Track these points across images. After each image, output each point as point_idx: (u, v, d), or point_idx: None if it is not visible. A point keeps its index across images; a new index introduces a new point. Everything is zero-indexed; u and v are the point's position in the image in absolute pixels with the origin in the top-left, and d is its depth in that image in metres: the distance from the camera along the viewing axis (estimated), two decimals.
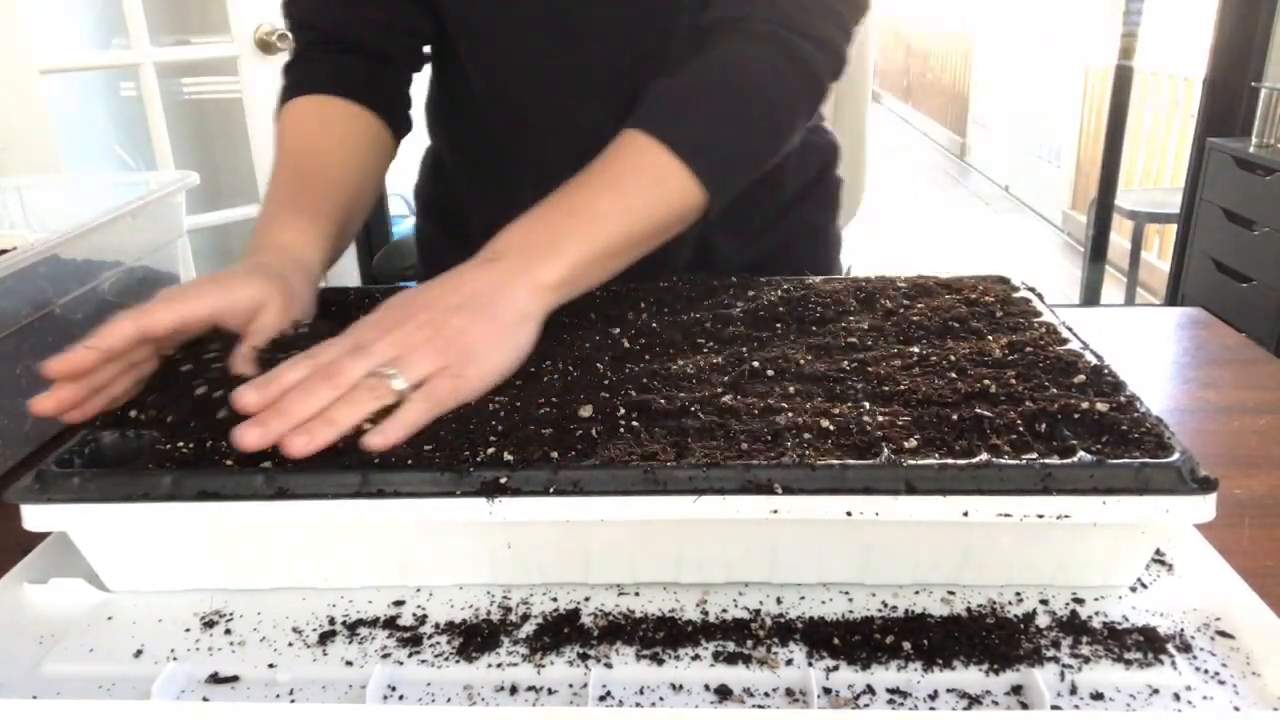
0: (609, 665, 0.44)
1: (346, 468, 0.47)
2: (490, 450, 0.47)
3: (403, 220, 2.90)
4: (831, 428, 0.48)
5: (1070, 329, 0.61)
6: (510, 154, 0.84)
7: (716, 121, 0.63)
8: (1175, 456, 0.45)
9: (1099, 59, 4.49)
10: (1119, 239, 3.56)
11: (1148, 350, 0.84)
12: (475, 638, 0.46)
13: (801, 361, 0.57)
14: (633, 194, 0.60)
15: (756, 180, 0.70)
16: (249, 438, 0.47)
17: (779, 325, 0.64)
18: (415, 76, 0.83)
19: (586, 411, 0.51)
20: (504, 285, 0.56)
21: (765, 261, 0.86)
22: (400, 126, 0.80)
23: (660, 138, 0.61)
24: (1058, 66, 5.16)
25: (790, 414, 0.50)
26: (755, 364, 0.57)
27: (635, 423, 0.50)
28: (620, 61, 0.76)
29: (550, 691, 0.43)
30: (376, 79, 0.78)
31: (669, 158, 0.61)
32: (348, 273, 2.37)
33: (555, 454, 0.47)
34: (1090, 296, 3.36)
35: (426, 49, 0.83)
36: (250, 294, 0.57)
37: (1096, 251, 3.28)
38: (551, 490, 0.46)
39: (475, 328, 0.53)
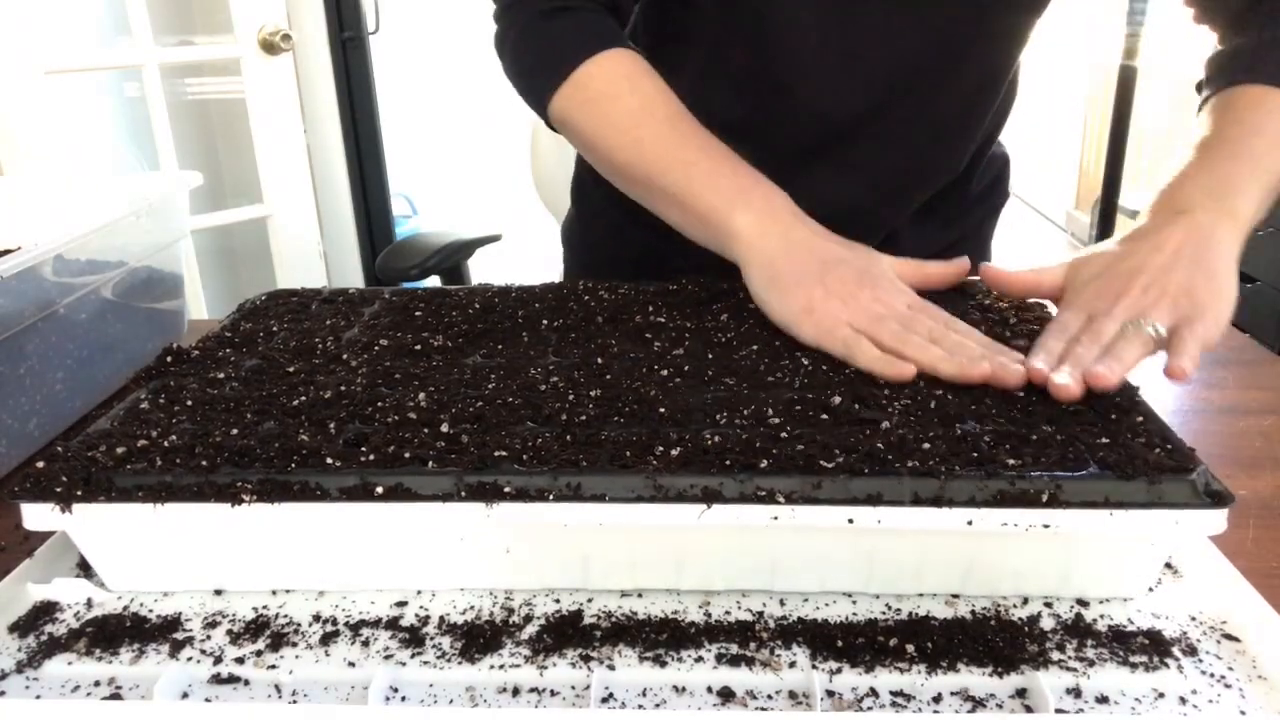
0: (611, 667, 0.44)
1: (347, 470, 0.47)
2: (493, 454, 0.47)
3: (405, 221, 2.90)
4: (838, 436, 0.48)
5: None
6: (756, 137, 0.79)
7: None
8: (1189, 470, 0.45)
9: (1102, 58, 4.48)
10: None
11: None
12: (478, 639, 0.46)
13: (809, 366, 0.57)
14: (1273, 134, 0.67)
15: (950, 177, 0.84)
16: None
17: None
18: None
19: (590, 416, 0.51)
20: (1209, 235, 0.61)
21: (934, 258, 0.84)
22: None
23: (1274, 85, 0.69)
24: (1061, 66, 5.15)
25: (795, 421, 0.50)
26: (762, 368, 0.57)
27: (639, 428, 0.50)
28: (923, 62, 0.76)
29: (552, 693, 0.43)
30: (622, 35, 0.73)
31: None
32: (355, 271, 2.37)
33: (558, 459, 0.47)
34: None
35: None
36: None
37: None
38: (552, 496, 0.45)
39: (1197, 281, 0.59)
